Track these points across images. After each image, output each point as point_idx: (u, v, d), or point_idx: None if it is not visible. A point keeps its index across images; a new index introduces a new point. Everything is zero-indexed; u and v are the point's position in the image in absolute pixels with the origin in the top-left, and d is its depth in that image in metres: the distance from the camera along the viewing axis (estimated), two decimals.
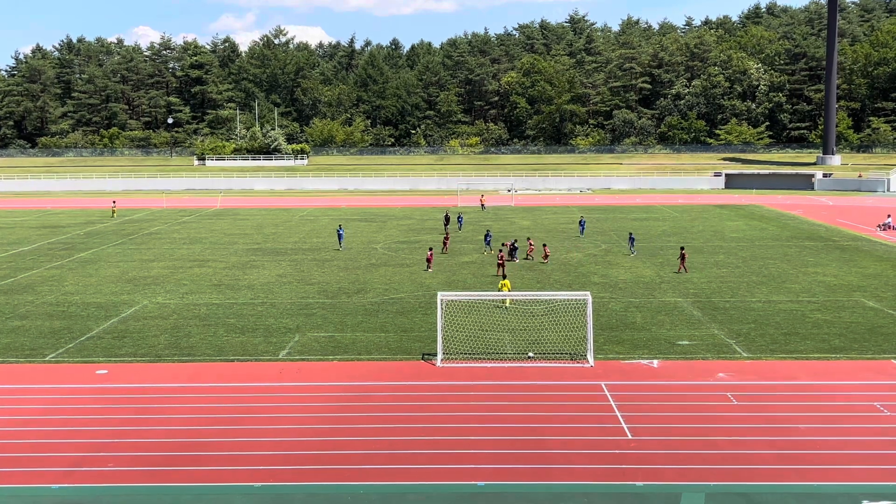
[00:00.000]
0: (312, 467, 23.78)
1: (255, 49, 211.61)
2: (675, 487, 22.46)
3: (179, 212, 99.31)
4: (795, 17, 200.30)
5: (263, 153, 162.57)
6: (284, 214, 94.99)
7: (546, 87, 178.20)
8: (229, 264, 58.74)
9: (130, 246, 68.61)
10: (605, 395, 29.52)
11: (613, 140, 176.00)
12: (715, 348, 35.56)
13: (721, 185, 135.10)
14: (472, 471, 23.44)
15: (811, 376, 31.66)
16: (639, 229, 76.31)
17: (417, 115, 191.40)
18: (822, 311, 42.42)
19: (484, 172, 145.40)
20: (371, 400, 29.24)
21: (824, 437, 25.67)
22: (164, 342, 37.17)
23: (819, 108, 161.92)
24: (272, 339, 37.49)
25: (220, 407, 28.63)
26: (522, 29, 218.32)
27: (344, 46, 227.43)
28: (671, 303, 44.67)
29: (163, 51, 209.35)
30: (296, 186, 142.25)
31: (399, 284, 50.49)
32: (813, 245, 66.18)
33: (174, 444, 25.44)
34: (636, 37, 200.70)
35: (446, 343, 34.57)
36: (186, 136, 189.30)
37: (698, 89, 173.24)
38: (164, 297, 47.07)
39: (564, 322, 37.35)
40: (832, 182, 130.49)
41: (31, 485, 22.87)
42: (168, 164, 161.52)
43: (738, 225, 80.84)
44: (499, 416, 27.54)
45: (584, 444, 25.19)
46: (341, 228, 67.20)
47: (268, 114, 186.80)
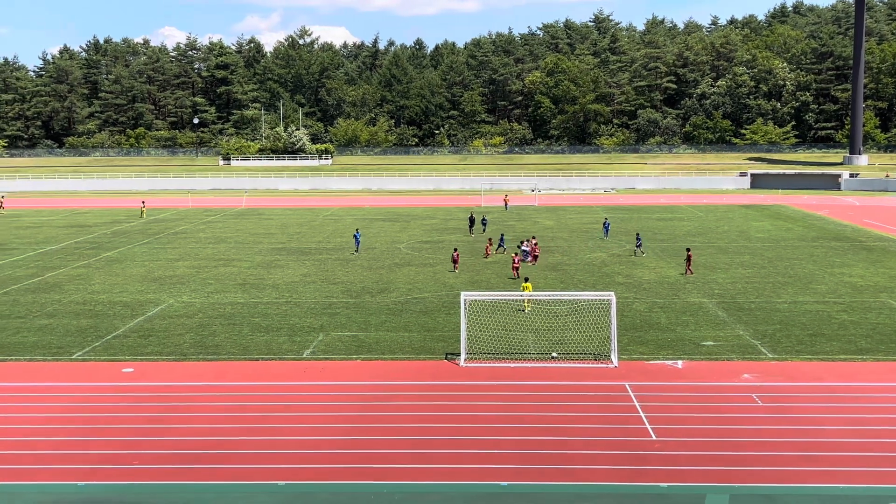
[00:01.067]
0: (336, 466, 23.85)
1: (279, 49, 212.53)
2: (700, 489, 22.36)
3: (205, 211, 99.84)
4: (822, 16, 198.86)
5: (288, 153, 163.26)
6: (309, 214, 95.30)
7: (570, 87, 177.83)
8: (254, 263, 59.01)
9: (156, 245, 69.07)
10: (629, 395, 29.42)
11: (638, 140, 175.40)
12: (740, 349, 35.35)
13: (746, 185, 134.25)
14: (495, 471, 23.43)
15: (837, 377, 31.42)
16: (663, 230, 76.00)
17: (441, 114, 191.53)
18: (849, 311, 42.08)
19: (507, 172, 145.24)
20: (394, 399, 29.29)
21: (850, 438, 25.47)
22: (190, 341, 37.39)
23: (846, 107, 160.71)
24: (296, 339, 37.63)
25: (245, 405, 28.77)
26: (546, 28, 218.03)
27: (368, 46, 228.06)
28: (696, 303, 44.46)
29: (188, 51, 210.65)
30: (320, 186, 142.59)
31: (423, 284, 50.54)
32: (839, 245, 65.66)
33: (199, 442, 25.59)
34: (661, 36, 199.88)
35: (470, 343, 34.57)
36: (212, 136, 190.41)
37: (724, 89, 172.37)
38: (189, 297, 47.36)
39: (588, 322, 37.26)
40: (859, 182, 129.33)
41: (57, 482, 23.09)
42: (193, 163, 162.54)
43: (763, 225, 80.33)
44: (522, 416, 27.51)
45: (608, 445, 25.12)
46: (358, 233, 65.81)
47: (292, 114, 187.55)
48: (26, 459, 24.44)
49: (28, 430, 26.63)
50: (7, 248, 67.55)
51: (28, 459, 24.43)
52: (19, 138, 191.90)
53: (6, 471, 23.77)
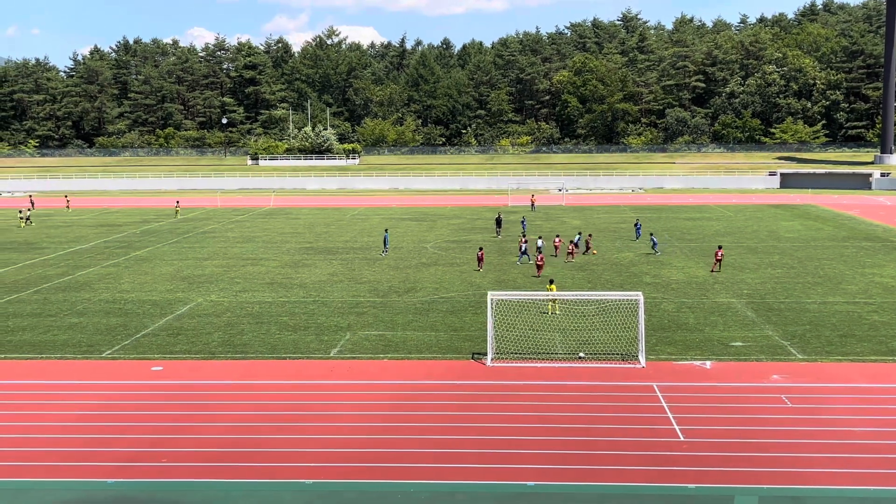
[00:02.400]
0: (363, 465, 23.92)
1: (307, 49, 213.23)
2: (728, 490, 22.22)
3: (233, 211, 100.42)
4: (853, 13, 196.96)
5: (315, 153, 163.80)
6: (336, 214, 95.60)
7: (598, 86, 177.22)
8: (282, 263, 59.27)
9: (185, 244, 69.55)
10: (657, 396, 29.29)
11: (666, 139, 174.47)
12: (769, 350, 35.10)
13: (776, 185, 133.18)
14: (522, 471, 23.40)
15: (868, 379, 31.12)
16: (692, 229, 75.56)
17: (468, 114, 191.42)
18: (879, 312, 41.66)
19: (534, 172, 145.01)
20: (421, 399, 29.33)
21: (880, 440, 25.21)
22: (218, 340, 37.62)
23: (877, 106, 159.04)
24: (324, 338, 37.76)
25: (273, 404, 28.91)
26: (574, 27, 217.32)
27: (395, 46, 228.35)
28: (724, 303, 44.19)
29: (217, 52, 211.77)
30: (347, 186, 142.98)
31: (449, 284, 50.56)
32: (870, 246, 65.01)
33: (227, 440, 25.74)
34: (689, 35, 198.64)
35: (497, 342, 34.55)
36: (240, 136, 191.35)
37: (753, 88, 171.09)
38: (217, 296, 47.65)
39: (615, 322, 37.13)
40: (890, 182, 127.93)
41: (87, 479, 23.30)
42: (222, 163, 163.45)
43: (793, 225, 79.69)
44: (549, 416, 27.46)
45: (635, 446, 25.02)
46: (387, 233, 65.80)
47: (320, 114, 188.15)
48: (56, 456, 24.69)
49: (58, 428, 26.89)
50: (38, 248, 68.26)
51: (58, 456, 24.68)
52: (50, 138, 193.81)
53: (37, 468, 24.03)
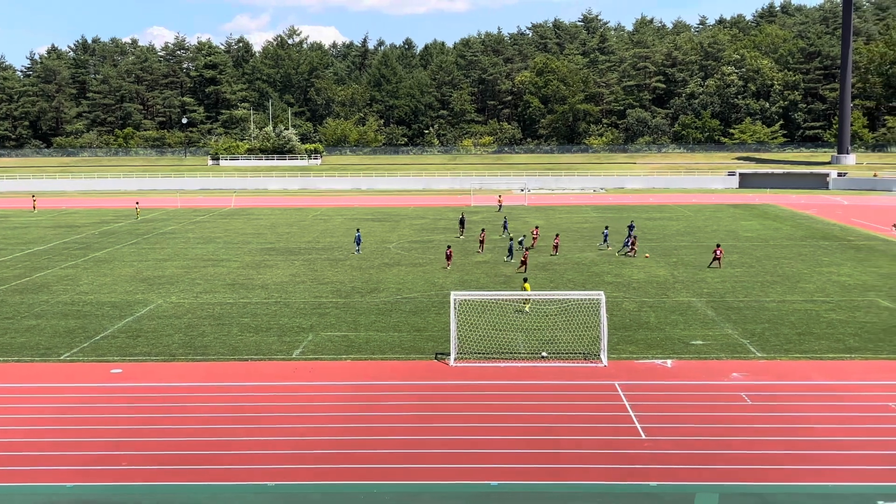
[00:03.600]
0: (326, 466, 23.83)
1: (268, 49, 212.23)
2: (689, 488, 22.40)
3: (193, 211, 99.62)
4: (810, 15, 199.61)
5: (277, 153, 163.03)
6: (298, 214, 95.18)
7: (559, 87, 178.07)
8: (243, 264, 58.90)
9: (145, 245, 68.88)
10: (619, 394, 29.47)
11: (627, 139, 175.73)
12: (729, 348, 35.45)
13: (735, 185, 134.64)
14: (486, 470, 23.44)
15: (826, 376, 31.53)
16: (653, 229, 76.10)
17: (430, 114, 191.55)
18: (837, 310, 42.24)
19: (497, 172, 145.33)
20: (384, 399, 29.28)
21: (839, 437, 25.56)
22: (179, 341, 37.30)
23: (834, 107, 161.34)
24: (286, 339, 37.57)
25: (234, 406, 28.71)
26: (536, 28, 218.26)
27: (357, 46, 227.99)
28: (685, 302, 44.57)
29: (177, 51, 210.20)
30: (309, 186, 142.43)
31: (412, 284, 50.53)
32: (827, 245, 65.90)
33: (188, 443, 25.53)
34: (650, 36, 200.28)
35: (459, 343, 34.57)
36: (200, 136, 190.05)
37: (712, 88, 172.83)
38: (178, 297, 47.24)
39: (578, 322, 37.29)
40: (847, 181, 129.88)
41: (46, 483, 22.99)
42: (182, 163, 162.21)
43: (752, 224, 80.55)
44: (512, 415, 27.53)
45: (598, 444, 25.15)
46: (359, 232, 65.75)
47: (281, 114, 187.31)
48: (15, 461, 24.33)
49: (16, 432, 26.51)
50: None
51: (16, 461, 24.32)
52: (6, 138, 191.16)
53: None
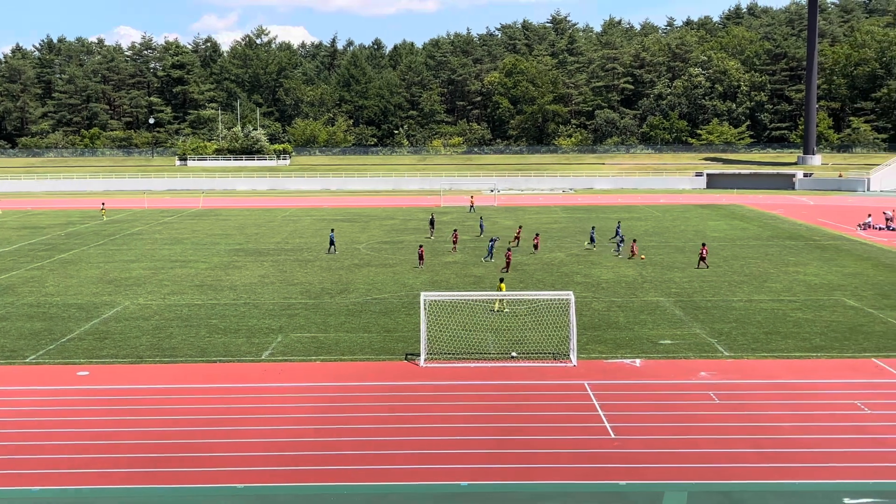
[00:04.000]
0: (296, 468, 23.74)
1: (237, 49, 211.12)
2: (658, 486, 22.54)
3: (161, 212, 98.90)
4: (776, 17, 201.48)
5: (245, 153, 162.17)
6: (267, 215, 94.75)
7: (528, 88, 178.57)
8: (211, 265, 58.55)
9: (112, 247, 68.27)
10: (588, 394, 29.59)
11: (596, 140, 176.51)
12: (697, 347, 35.71)
13: (703, 185, 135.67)
14: (455, 471, 23.45)
15: (792, 375, 31.84)
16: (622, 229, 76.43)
17: (400, 114, 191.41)
18: (803, 310, 42.67)
19: (467, 172, 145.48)
20: (354, 400, 29.22)
21: (806, 435, 25.82)
22: (146, 343, 37.01)
23: (800, 108, 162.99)
24: (255, 340, 37.39)
25: (203, 408, 28.53)
26: (504, 29, 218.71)
27: (326, 46, 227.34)
28: (653, 302, 44.84)
29: (144, 50, 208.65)
30: (278, 187, 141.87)
31: (382, 284, 50.46)
32: (794, 244, 66.55)
33: (156, 445, 25.33)
34: (618, 37, 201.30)
35: (429, 343, 34.57)
36: (168, 136, 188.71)
37: (680, 89, 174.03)
38: (145, 298, 46.87)
39: (547, 322, 37.40)
40: (813, 182, 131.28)
41: (11, 487, 22.72)
42: (149, 164, 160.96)
43: (719, 225, 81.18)
44: (482, 415, 27.56)
45: (567, 444, 25.24)
46: (333, 232, 65.68)
47: (250, 114, 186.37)
48: None
49: None
50: None
51: None
52: None
53: None
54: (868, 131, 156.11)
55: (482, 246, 65.49)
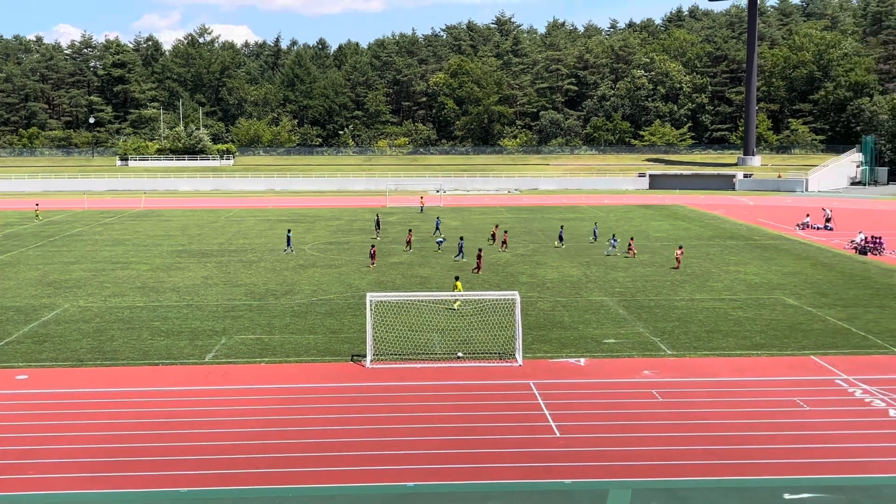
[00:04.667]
0: (239, 471, 23.52)
1: (179, 48, 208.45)
2: (603, 484, 22.73)
3: (101, 213, 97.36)
4: (716, 20, 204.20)
5: (188, 153, 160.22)
6: (210, 215, 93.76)
7: (474, 88, 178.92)
8: (153, 266, 57.79)
9: (51, 248, 67.03)
10: (534, 393, 29.74)
11: (540, 141, 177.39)
12: (640, 346, 36.08)
13: (645, 186, 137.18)
14: (402, 472, 23.42)
15: (733, 373, 32.32)
16: (566, 229, 76.95)
17: (345, 115, 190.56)
18: (744, 308, 43.33)
19: (412, 173, 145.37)
20: (299, 402, 29.04)
21: (746, 432, 26.23)
22: (87, 346, 36.41)
23: (740, 109, 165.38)
24: (198, 342, 36.98)
25: (145, 412, 28.14)
26: (450, 30, 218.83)
27: (270, 45, 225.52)
28: (597, 302, 45.21)
29: (84, 49, 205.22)
30: (221, 187, 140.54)
31: (328, 286, 50.22)
32: (734, 244, 67.55)
33: (97, 450, 24.93)
34: (562, 39, 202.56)
35: (376, 344, 34.49)
36: (108, 135, 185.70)
37: (623, 91, 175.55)
38: (85, 301, 46.11)
39: (493, 322, 37.53)
40: (752, 182, 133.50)
41: None
42: (89, 164, 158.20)
43: (661, 225, 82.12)
44: (428, 416, 27.57)
45: (513, 443, 25.35)
46: (290, 232, 65.85)
47: (192, 113, 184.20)
48: None
49: None
50: None
51: None
52: None
53: None
54: (806, 133, 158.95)
55: (432, 246, 65.54)
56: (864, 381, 31.01)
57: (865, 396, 29.37)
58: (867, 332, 38.33)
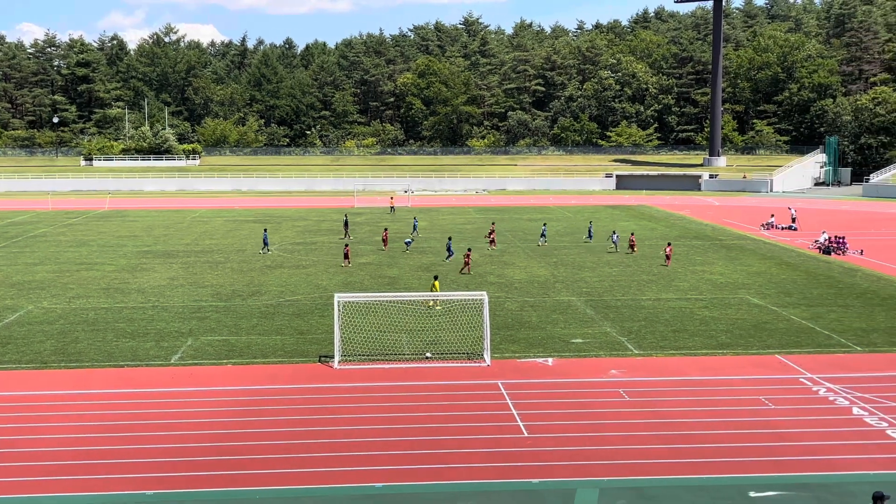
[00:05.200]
0: (207, 473, 23.36)
1: (144, 47, 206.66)
2: (570, 483, 22.80)
3: (66, 213, 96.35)
4: (682, 22, 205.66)
5: (154, 153, 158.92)
6: (176, 216, 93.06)
7: (441, 89, 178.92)
8: (118, 267, 57.26)
9: (14, 249, 66.22)
10: (502, 393, 29.79)
11: (508, 141, 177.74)
12: (607, 346, 36.26)
13: (612, 186, 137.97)
14: (370, 473, 23.36)
15: (699, 372, 32.56)
16: (534, 230, 77.17)
17: (312, 115, 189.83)
18: (710, 308, 43.67)
19: (380, 173, 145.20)
20: (267, 404, 28.89)
21: (713, 430, 26.43)
22: (51, 348, 36.00)
23: (705, 110, 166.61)
24: (164, 344, 36.69)
25: (111, 414, 27.87)
26: (417, 30, 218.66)
27: (236, 45, 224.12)
28: (565, 301, 45.37)
29: (48, 48, 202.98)
30: (187, 187, 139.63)
31: (295, 286, 50.01)
32: (700, 244, 68.06)
33: (62, 452, 24.66)
34: (529, 40, 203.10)
35: (344, 345, 34.39)
36: (73, 135, 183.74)
37: (590, 92, 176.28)
38: (49, 302, 45.60)
39: (461, 322, 37.57)
40: (718, 183, 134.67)
41: None
42: (53, 164, 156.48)
43: (628, 225, 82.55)
44: (396, 416, 27.53)
45: (481, 443, 25.37)
46: (266, 232, 65.93)
47: (158, 113, 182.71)
48: None
49: None
50: None
51: None
52: None
53: None
54: (771, 134, 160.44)
55: (395, 247, 65.50)
56: (828, 379, 31.36)
57: (829, 395, 29.70)
58: (831, 331, 38.77)
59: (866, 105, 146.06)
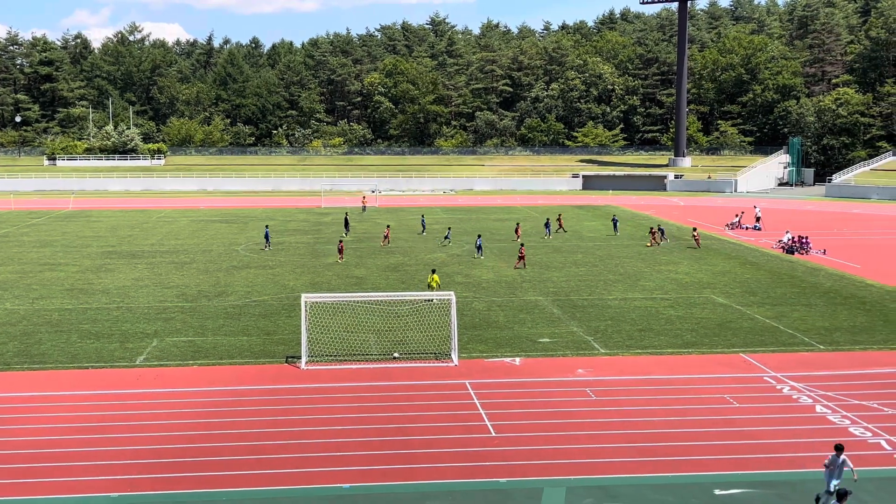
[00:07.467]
0: (173, 475, 23.21)
1: (108, 46, 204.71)
2: (537, 483, 22.90)
3: (28, 214, 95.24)
4: (648, 23, 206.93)
5: (118, 153, 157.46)
6: (141, 216, 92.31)
7: (409, 88, 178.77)
8: (82, 268, 56.70)
9: None
10: (470, 393, 29.86)
11: (476, 141, 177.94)
12: (574, 345, 36.44)
13: (579, 187, 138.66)
14: (338, 473, 23.33)
15: (665, 371, 32.81)
16: (501, 230, 77.42)
17: (279, 114, 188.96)
18: (675, 307, 44.01)
19: (348, 173, 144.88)
20: (234, 405, 28.76)
21: (678, 429, 26.66)
22: (13, 350, 35.59)
23: (670, 111, 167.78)
24: (129, 345, 36.39)
25: (75, 416, 27.60)
26: (384, 30, 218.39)
27: (202, 44, 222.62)
28: (532, 301, 45.54)
29: (10, 46, 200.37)
30: (152, 187, 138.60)
31: (262, 287, 49.78)
32: (665, 244, 68.51)
33: (26, 455, 24.40)
34: (496, 40, 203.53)
35: (311, 345, 34.30)
36: (36, 135, 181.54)
37: (556, 92, 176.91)
38: (12, 303, 45.07)
39: (429, 322, 37.60)
40: (683, 183, 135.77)
41: None
42: (16, 164, 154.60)
43: (594, 225, 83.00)
44: (364, 417, 27.51)
45: (449, 443, 25.41)
46: (268, 228, 67.35)
47: (122, 112, 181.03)
48: None
49: None
50: None
51: None
52: None
53: None
54: (735, 134, 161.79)
55: (367, 246, 65.46)
56: (792, 377, 31.73)
57: (793, 393, 30.04)
58: (794, 329, 39.21)
59: (829, 106, 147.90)
